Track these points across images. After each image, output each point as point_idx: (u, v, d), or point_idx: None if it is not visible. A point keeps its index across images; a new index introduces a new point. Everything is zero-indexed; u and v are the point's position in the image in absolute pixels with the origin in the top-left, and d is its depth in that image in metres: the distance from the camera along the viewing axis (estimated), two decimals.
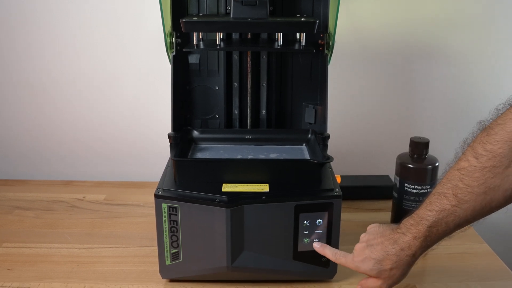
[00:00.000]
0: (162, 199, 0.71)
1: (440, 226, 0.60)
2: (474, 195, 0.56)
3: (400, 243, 0.63)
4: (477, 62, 1.12)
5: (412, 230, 0.62)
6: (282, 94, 0.90)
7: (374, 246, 0.65)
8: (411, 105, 1.15)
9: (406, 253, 0.62)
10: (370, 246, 0.66)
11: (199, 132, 0.87)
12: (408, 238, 0.62)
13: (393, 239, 0.64)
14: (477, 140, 0.57)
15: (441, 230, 0.60)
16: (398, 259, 0.63)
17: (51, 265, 0.81)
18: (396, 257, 0.63)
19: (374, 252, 0.65)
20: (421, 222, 0.61)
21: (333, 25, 0.82)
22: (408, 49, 1.10)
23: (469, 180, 0.56)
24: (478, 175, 0.55)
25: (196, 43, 0.82)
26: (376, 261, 0.64)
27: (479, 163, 0.55)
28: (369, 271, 0.65)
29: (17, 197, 1.05)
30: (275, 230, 0.72)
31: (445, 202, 0.58)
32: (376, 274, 0.65)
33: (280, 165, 0.76)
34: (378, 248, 0.64)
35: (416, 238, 0.61)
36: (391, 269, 0.64)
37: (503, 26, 1.10)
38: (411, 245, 0.62)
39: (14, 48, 1.10)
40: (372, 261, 0.65)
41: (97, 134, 1.15)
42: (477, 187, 0.56)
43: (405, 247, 0.62)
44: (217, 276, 0.75)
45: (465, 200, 0.57)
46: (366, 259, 0.65)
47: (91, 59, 1.10)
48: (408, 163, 0.87)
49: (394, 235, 0.64)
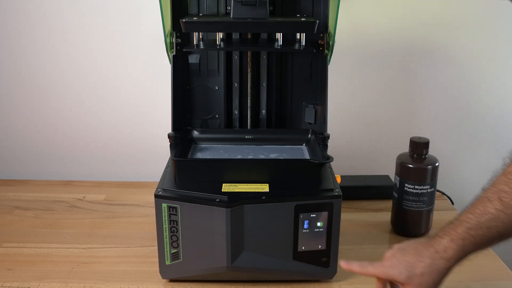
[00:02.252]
0: (162, 199, 0.71)
1: (480, 230, 0.56)
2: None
3: (435, 246, 0.58)
4: (477, 62, 1.12)
5: (450, 232, 0.58)
6: (282, 94, 0.90)
7: (406, 250, 0.61)
8: (411, 105, 1.15)
9: (441, 256, 0.58)
10: (402, 250, 0.61)
11: (199, 132, 0.87)
12: (444, 241, 0.58)
13: (428, 243, 0.60)
14: None
15: (481, 235, 0.56)
16: (432, 263, 0.58)
17: (51, 265, 0.81)
18: (429, 259, 0.58)
19: (406, 255, 0.60)
20: (460, 225, 0.57)
21: (333, 25, 0.82)
22: (408, 49, 1.10)
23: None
24: None
25: (196, 43, 0.82)
26: (407, 264, 0.59)
27: None
28: (398, 275, 0.59)
29: (17, 197, 1.05)
30: (275, 230, 0.72)
31: (489, 206, 0.55)
32: (405, 279, 0.59)
33: (280, 165, 0.76)
34: (411, 252, 0.60)
35: (453, 241, 0.57)
36: (422, 274, 0.58)
37: (503, 26, 1.10)
38: (447, 248, 0.58)
39: (14, 49, 1.10)
40: (403, 264, 0.59)
41: (97, 134, 1.15)
42: None
43: (440, 250, 0.58)
44: (217, 276, 0.75)
45: (511, 205, 0.54)
46: (397, 263, 0.60)
47: (91, 59, 1.10)
48: (408, 163, 0.87)
49: (430, 240, 0.60)
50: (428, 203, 0.88)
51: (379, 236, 0.91)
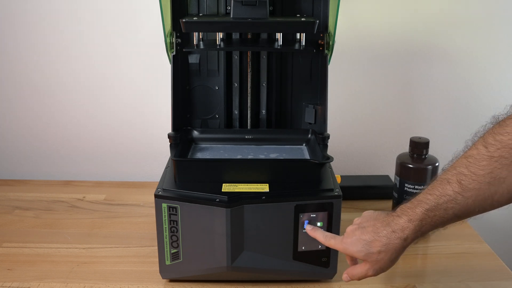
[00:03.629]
0: (162, 199, 0.71)
1: (438, 211, 0.57)
2: (478, 183, 0.55)
3: (393, 225, 0.60)
4: (477, 62, 1.12)
5: (408, 212, 0.60)
6: (282, 94, 0.90)
7: (365, 228, 0.63)
8: (411, 105, 1.15)
9: (398, 235, 0.60)
10: (361, 228, 0.64)
11: (199, 132, 0.87)
12: (402, 220, 0.60)
13: (386, 221, 0.62)
14: (488, 131, 0.55)
15: (438, 216, 0.58)
16: (388, 241, 0.60)
17: (51, 265, 0.81)
18: (386, 239, 0.61)
19: (365, 233, 0.63)
20: (419, 205, 0.59)
21: (333, 25, 0.82)
22: (408, 49, 1.10)
23: (476, 168, 0.55)
24: (485, 164, 0.54)
25: (196, 43, 0.82)
26: (365, 243, 0.62)
27: (488, 152, 0.54)
28: (356, 253, 0.63)
29: (17, 197, 1.05)
30: (275, 230, 0.72)
31: (448, 188, 0.57)
32: (364, 256, 0.62)
33: (280, 165, 0.76)
34: (369, 230, 0.62)
35: (410, 221, 0.59)
36: (379, 252, 0.61)
37: (503, 26, 1.10)
38: (404, 228, 0.60)
39: (14, 48, 1.10)
40: (361, 242, 0.62)
41: (97, 134, 1.15)
42: (482, 176, 0.54)
43: (397, 229, 0.60)
44: (217, 276, 0.75)
45: (469, 188, 0.55)
46: (356, 240, 0.63)
47: (91, 59, 1.10)
48: (408, 163, 0.87)
49: (387, 218, 0.62)
50: None
51: None
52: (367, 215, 0.67)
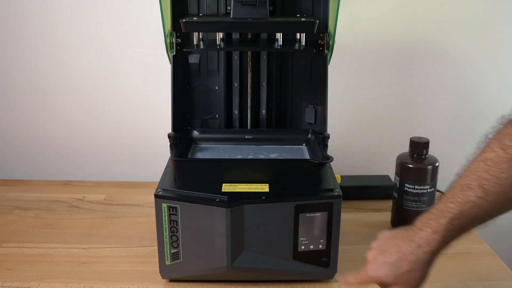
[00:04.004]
0: (162, 199, 0.71)
1: (463, 219, 0.55)
2: (501, 186, 0.53)
3: (417, 240, 0.57)
4: (477, 62, 1.12)
5: (431, 224, 0.57)
6: (282, 94, 0.90)
7: (387, 250, 0.60)
8: (411, 105, 1.15)
9: (425, 250, 0.57)
10: (383, 251, 0.60)
11: (199, 132, 0.87)
12: (426, 233, 0.57)
13: (408, 237, 0.58)
14: (502, 132, 0.54)
15: (463, 224, 0.56)
16: (416, 259, 0.57)
17: (51, 265, 0.81)
18: (413, 256, 0.57)
19: (388, 256, 0.59)
20: (442, 215, 0.56)
21: (333, 25, 0.82)
22: (408, 48, 1.10)
23: (496, 171, 0.53)
24: (506, 166, 0.53)
25: (196, 43, 0.82)
26: (391, 265, 0.58)
27: (507, 154, 0.52)
28: (385, 278, 0.59)
29: (17, 197, 1.05)
30: (275, 230, 0.72)
31: (470, 194, 0.54)
32: (393, 279, 0.59)
33: (280, 165, 0.76)
34: (392, 251, 0.59)
35: (435, 233, 0.56)
36: (408, 271, 0.58)
37: (503, 26, 1.10)
38: (430, 241, 0.56)
39: (14, 48, 1.10)
40: (387, 266, 0.58)
41: (97, 134, 1.15)
42: (505, 179, 0.53)
43: (423, 243, 0.57)
44: (217, 276, 0.75)
45: (492, 192, 0.53)
46: (381, 265, 0.59)
47: (91, 59, 1.10)
48: (408, 163, 0.87)
49: (409, 233, 0.59)
50: (428, 203, 0.88)
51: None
52: (383, 236, 0.64)
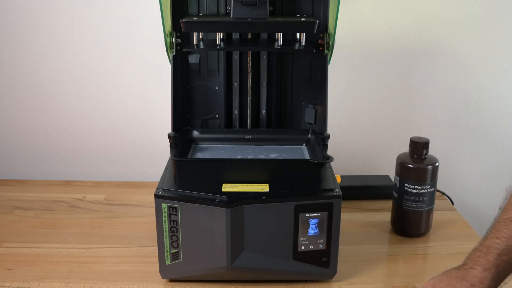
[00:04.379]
0: (162, 199, 0.71)
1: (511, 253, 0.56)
2: None
3: (470, 278, 0.57)
4: (477, 62, 1.12)
5: (480, 262, 0.57)
6: (282, 94, 0.90)
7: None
8: (411, 105, 1.15)
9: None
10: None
11: (199, 132, 0.87)
12: (477, 271, 0.57)
13: (460, 276, 0.58)
14: None
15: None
16: None
17: (51, 265, 0.81)
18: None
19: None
20: (489, 252, 0.56)
21: (333, 25, 0.82)
22: (408, 49, 1.10)
23: None
24: None
25: (196, 43, 0.82)
26: None
27: None
28: None
29: (17, 197, 1.05)
30: (275, 230, 0.72)
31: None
32: None
33: (280, 165, 0.76)
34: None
35: (486, 270, 0.56)
36: None
37: (503, 26, 1.10)
38: (482, 279, 0.56)
39: (14, 48, 1.10)
40: None
41: (97, 134, 1.15)
42: None
43: (476, 282, 0.56)
44: (217, 276, 0.75)
45: None
46: None
47: (91, 59, 1.10)
48: (408, 163, 0.87)
49: (461, 272, 0.58)
50: (428, 203, 0.88)
51: (379, 236, 0.91)
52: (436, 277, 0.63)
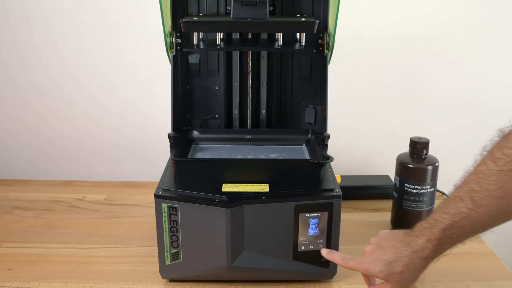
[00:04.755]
0: (162, 199, 0.71)
1: (454, 229, 0.58)
2: (490, 198, 0.55)
3: (413, 245, 0.60)
4: (477, 62, 1.12)
5: (426, 232, 0.60)
6: (282, 94, 0.90)
7: (385, 248, 0.63)
8: (411, 105, 1.15)
9: (419, 256, 0.60)
10: (380, 247, 0.63)
11: (199, 132, 0.87)
12: (421, 240, 0.60)
13: (405, 241, 0.61)
14: (496, 145, 0.56)
15: (455, 234, 0.58)
16: (410, 262, 0.60)
17: (51, 265, 0.81)
18: (407, 259, 0.60)
19: (385, 253, 0.62)
20: (435, 225, 0.59)
21: (333, 25, 0.82)
22: (408, 49, 1.10)
23: (486, 183, 0.55)
24: (495, 179, 0.54)
25: (196, 43, 0.83)
26: (386, 263, 0.62)
27: (497, 167, 0.54)
28: (378, 273, 0.63)
29: (17, 197, 1.05)
30: (275, 230, 0.72)
31: (461, 205, 0.57)
32: (386, 276, 0.62)
33: (280, 165, 0.76)
34: (389, 250, 0.62)
35: (429, 241, 0.59)
36: (401, 272, 0.61)
37: (503, 26, 1.10)
38: (424, 248, 0.60)
39: (14, 48, 1.10)
40: (382, 263, 0.62)
41: (97, 134, 1.15)
42: (494, 191, 0.54)
43: (418, 250, 0.60)
44: (217, 276, 0.75)
45: (482, 204, 0.55)
46: (376, 261, 0.63)
47: (91, 59, 1.10)
48: (408, 163, 0.87)
49: (407, 238, 0.62)
50: (428, 203, 0.88)
51: None
52: (384, 234, 0.66)
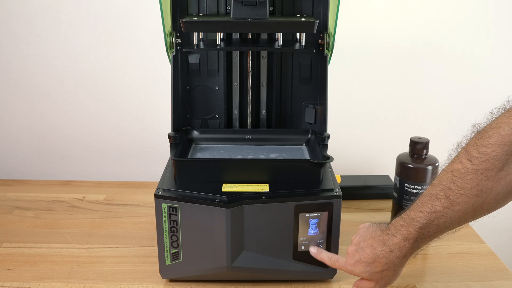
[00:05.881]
0: (162, 199, 0.71)
1: (431, 227, 0.59)
2: (466, 197, 0.56)
3: (390, 245, 0.62)
4: (477, 63, 1.12)
5: (402, 231, 0.61)
6: (282, 94, 0.90)
7: (364, 249, 0.65)
8: (411, 105, 1.15)
9: (396, 255, 0.62)
10: (360, 249, 0.65)
11: (199, 132, 0.87)
12: (397, 239, 0.61)
13: (382, 241, 0.63)
14: (471, 142, 0.56)
15: (432, 232, 0.60)
16: (388, 261, 0.63)
17: (51, 265, 0.81)
18: (385, 259, 0.63)
19: (364, 255, 0.64)
20: (411, 224, 0.60)
21: (333, 25, 0.82)
22: (408, 48, 1.11)
23: (462, 182, 0.56)
24: (471, 177, 0.55)
25: (196, 43, 0.83)
26: (366, 264, 0.64)
27: (473, 166, 0.55)
28: (361, 274, 0.66)
29: (17, 197, 1.05)
30: (275, 230, 0.72)
31: (437, 204, 0.58)
32: (369, 276, 0.65)
33: (280, 165, 0.76)
34: (367, 251, 0.64)
35: (406, 240, 0.61)
36: (382, 271, 0.64)
37: (503, 27, 1.10)
38: (401, 247, 0.61)
39: (14, 48, 1.10)
40: (363, 264, 0.64)
41: (97, 134, 1.15)
42: (469, 190, 0.55)
43: (395, 249, 0.62)
44: (217, 276, 0.75)
45: (457, 202, 0.56)
46: (358, 263, 0.65)
47: (91, 59, 1.10)
48: (408, 163, 0.87)
49: (383, 237, 0.63)
50: None
51: None
52: (362, 232, 0.68)
